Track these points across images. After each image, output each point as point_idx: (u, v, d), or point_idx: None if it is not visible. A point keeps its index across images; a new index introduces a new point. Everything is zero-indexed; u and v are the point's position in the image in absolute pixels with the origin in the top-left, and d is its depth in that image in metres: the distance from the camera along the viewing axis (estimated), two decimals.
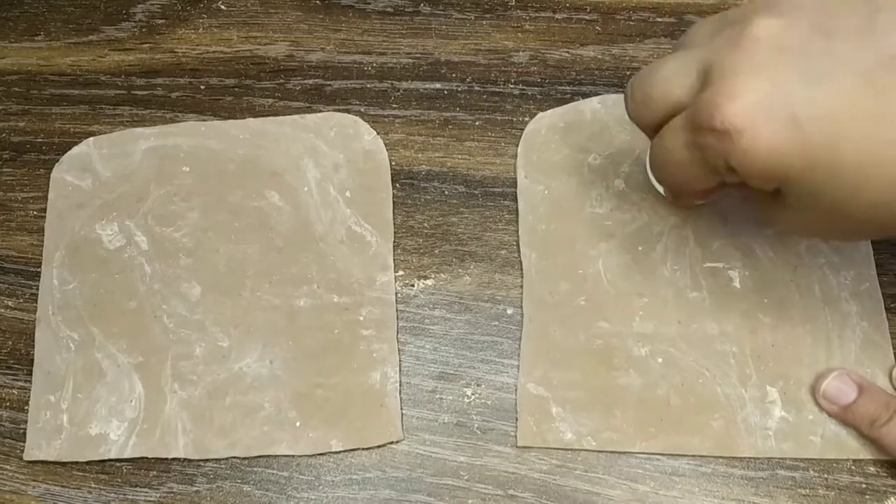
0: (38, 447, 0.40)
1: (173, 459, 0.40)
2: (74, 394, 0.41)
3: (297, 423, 0.39)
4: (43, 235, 0.45)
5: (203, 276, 0.42)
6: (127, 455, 0.39)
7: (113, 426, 0.40)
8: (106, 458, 0.39)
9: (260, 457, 0.39)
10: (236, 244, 0.43)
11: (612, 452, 0.38)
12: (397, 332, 0.41)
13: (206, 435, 0.39)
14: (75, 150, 0.46)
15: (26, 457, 0.40)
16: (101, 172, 0.45)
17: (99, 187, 0.45)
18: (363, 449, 0.39)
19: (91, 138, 0.46)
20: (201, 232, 0.43)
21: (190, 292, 0.42)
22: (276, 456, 0.39)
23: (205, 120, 0.47)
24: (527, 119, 0.46)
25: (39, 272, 0.44)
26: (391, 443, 0.39)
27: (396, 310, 0.42)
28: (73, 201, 0.45)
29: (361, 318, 0.41)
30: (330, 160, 0.44)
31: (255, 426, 0.39)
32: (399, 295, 0.42)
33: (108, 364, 0.41)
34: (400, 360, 0.41)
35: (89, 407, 0.40)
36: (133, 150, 0.45)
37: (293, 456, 0.39)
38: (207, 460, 0.39)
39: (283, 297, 0.42)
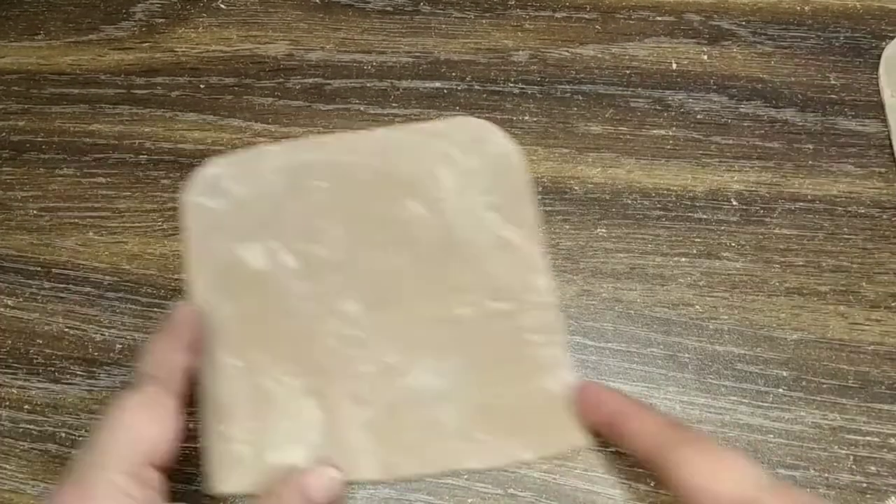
0: (220, 480, 0.38)
1: None
2: (247, 422, 0.39)
3: (482, 436, 0.38)
4: (42, 234, 0.45)
5: (357, 291, 0.41)
6: None
7: (295, 453, 0.38)
8: None
9: None
10: (385, 257, 0.42)
11: (612, 451, 0.38)
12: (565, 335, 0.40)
13: (392, 454, 0.38)
14: (204, 171, 0.44)
15: (209, 491, 0.38)
16: (234, 193, 0.43)
17: (235, 208, 0.43)
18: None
19: (217, 158, 0.44)
20: (347, 247, 0.42)
21: (347, 309, 0.41)
22: None
23: (205, 118, 0.47)
24: (526, 118, 0.46)
25: (39, 271, 0.44)
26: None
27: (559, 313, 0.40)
28: (210, 224, 0.43)
29: (527, 324, 0.40)
30: (465, 165, 0.43)
31: (440, 442, 0.38)
32: None
33: (276, 389, 0.39)
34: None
35: (266, 435, 0.39)
36: (263, 168, 0.44)
37: None
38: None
39: (443, 308, 0.40)
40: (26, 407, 0.41)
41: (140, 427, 0.33)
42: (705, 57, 0.47)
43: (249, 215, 0.43)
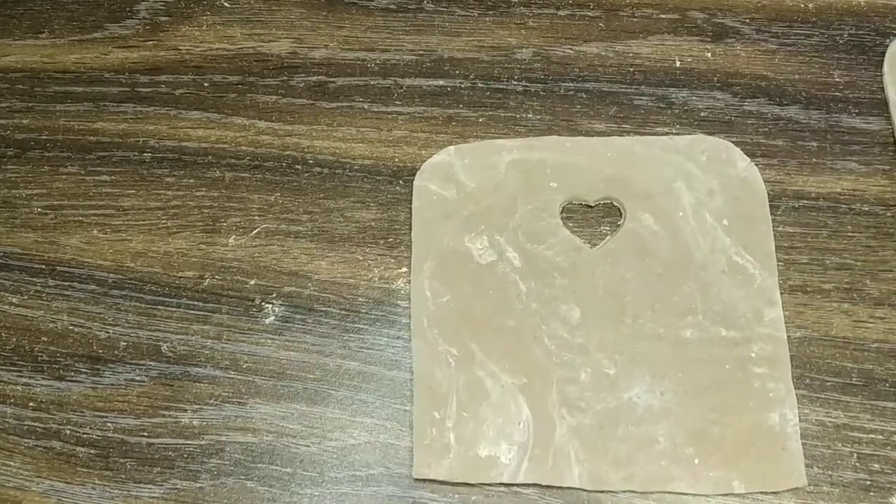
0: (426, 465, 0.38)
1: (176, 455, 0.40)
2: (459, 412, 0.39)
3: (696, 461, 0.38)
4: (47, 232, 0.45)
5: (581, 298, 0.41)
6: (520, 480, 0.38)
7: (503, 449, 0.38)
8: (497, 481, 0.38)
9: (263, 453, 0.39)
10: (613, 266, 0.41)
11: None
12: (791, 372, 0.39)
13: (601, 466, 0.38)
14: (435, 158, 0.44)
15: (415, 475, 0.38)
16: (465, 183, 0.43)
17: (464, 198, 0.43)
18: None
19: (450, 147, 0.45)
20: (574, 251, 0.42)
21: (569, 314, 0.40)
22: (279, 452, 0.39)
23: (209, 116, 0.47)
24: (529, 115, 0.46)
25: (43, 269, 0.44)
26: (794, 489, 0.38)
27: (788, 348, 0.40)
28: (438, 211, 0.43)
29: (753, 355, 0.39)
30: (704, 185, 0.42)
31: (651, 460, 0.38)
32: None
33: (491, 383, 0.39)
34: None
35: (476, 427, 0.39)
36: (496, 161, 0.44)
37: (296, 452, 0.39)
38: (211, 456, 0.39)
39: (667, 327, 0.40)
40: (31, 404, 0.41)
41: None
42: (709, 54, 0.47)
43: (479, 207, 0.43)
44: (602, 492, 0.38)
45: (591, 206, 0.43)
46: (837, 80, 0.46)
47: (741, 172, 0.43)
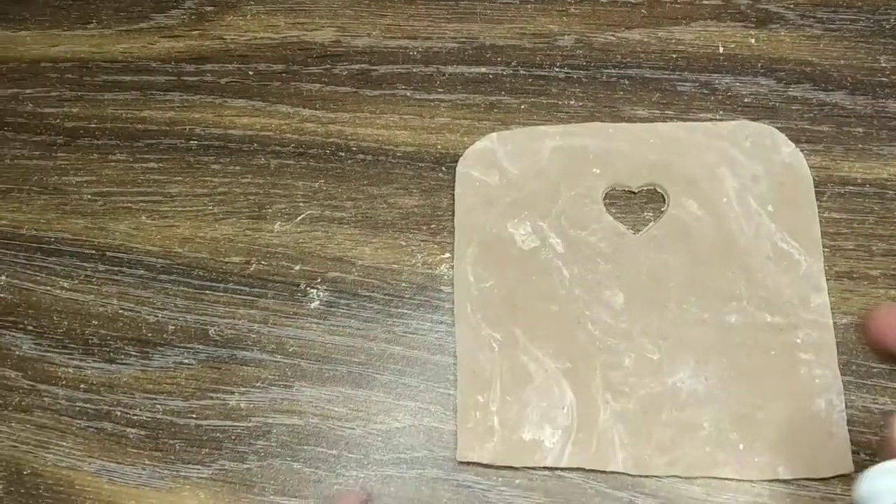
0: (470, 448, 0.39)
1: (224, 436, 0.40)
2: (503, 396, 0.39)
3: (740, 446, 0.38)
4: (97, 218, 0.46)
5: (625, 283, 0.41)
6: (563, 464, 0.38)
7: (546, 433, 0.39)
8: (541, 465, 0.38)
9: (309, 435, 0.40)
10: (657, 252, 0.41)
11: None
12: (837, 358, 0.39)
13: (645, 450, 0.38)
14: (478, 145, 0.45)
15: (460, 458, 0.39)
16: (508, 169, 0.44)
17: (507, 184, 0.44)
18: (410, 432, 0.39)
19: (493, 134, 0.45)
20: (618, 237, 0.42)
21: (613, 300, 0.41)
22: (325, 434, 0.40)
23: (254, 104, 0.48)
24: (572, 102, 0.46)
25: (93, 254, 0.45)
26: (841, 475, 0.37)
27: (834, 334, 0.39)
28: (481, 198, 0.43)
29: (798, 341, 0.39)
30: (748, 171, 0.42)
31: (696, 445, 0.38)
32: None
33: (534, 368, 0.40)
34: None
35: (520, 411, 0.39)
36: (539, 148, 0.44)
37: (342, 434, 0.40)
38: (258, 437, 0.40)
39: (711, 312, 0.40)
40: (82, 386, 0.42)
41: None
42: (753, 40, 0.46)
43: (521, 193, 0.43)
44: (646, 476, 0.38)
45: (634, 192, 0.43)
46: (884, 65, 0.45)
47: (786, 158, 0.43)
